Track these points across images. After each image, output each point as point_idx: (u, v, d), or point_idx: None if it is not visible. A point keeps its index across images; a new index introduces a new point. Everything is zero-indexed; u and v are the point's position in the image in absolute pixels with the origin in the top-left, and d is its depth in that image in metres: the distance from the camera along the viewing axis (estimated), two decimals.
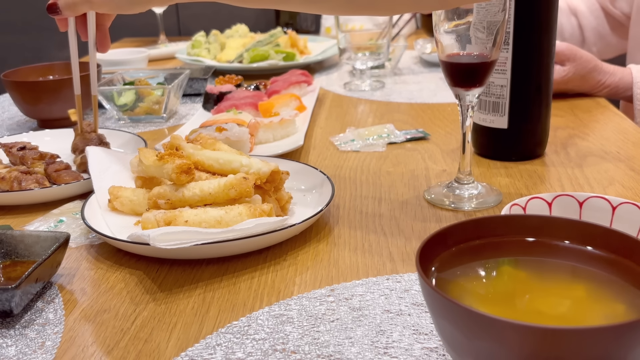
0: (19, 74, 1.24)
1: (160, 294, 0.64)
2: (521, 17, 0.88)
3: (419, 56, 1.68)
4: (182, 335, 0.57)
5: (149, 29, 2.41)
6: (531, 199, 0.65)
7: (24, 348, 0.56)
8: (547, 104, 0.94)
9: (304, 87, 1.31)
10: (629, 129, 1.07)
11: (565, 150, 0.98)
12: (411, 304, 0.60)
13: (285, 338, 0.56)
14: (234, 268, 0.68)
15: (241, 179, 0.71)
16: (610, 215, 0.64)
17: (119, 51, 1.76)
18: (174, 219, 0.69)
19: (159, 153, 0.75)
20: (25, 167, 0.92)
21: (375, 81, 1.44)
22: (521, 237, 0.51)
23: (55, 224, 0.79)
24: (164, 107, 1.21)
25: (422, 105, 1.27)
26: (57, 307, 0.62)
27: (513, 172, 0.91)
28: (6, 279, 0.64)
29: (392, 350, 0.54)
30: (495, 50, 0.74)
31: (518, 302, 0.45)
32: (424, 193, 0.84)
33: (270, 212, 0.71)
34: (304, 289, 0.64)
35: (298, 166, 0.86)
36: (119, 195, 0.77)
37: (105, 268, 0.69)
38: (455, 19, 0.73)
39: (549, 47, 0.91)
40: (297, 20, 2.44)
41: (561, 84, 1.20)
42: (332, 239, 0.74)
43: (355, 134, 1.07)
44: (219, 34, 1.75)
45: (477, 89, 0.77)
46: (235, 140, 0.97)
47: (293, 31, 1.71)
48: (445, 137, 1.07)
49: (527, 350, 0.38)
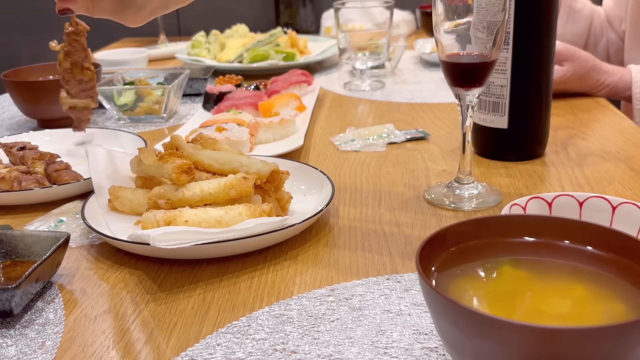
0: (19, 74, 1.24)
1: (160, 294, 0.64)
2: (521, 17, 0.88)
3: (419, 56, 1.68)
4: (182, 335, 0.57)
5: (149, 29, 2.40)
6: (531, 199, 0.65)
7: (24, 348, 0.56)
8: (547, 104, 0.94)
9: (304, 87, 1.31)
10: (629, 129, 1.07)
11: (565, 150, 0.98)
12: (411, 304, 0.60)
13: (285, 338, 0.56)
14: (234, 268, 0.68)
15: (241, 179, 0.71)
16: (610, 215, 0.64)
17: (119, 51, 1.76)
18: (174, 219, 0.69)
19: (159, 153, 0.75)
20: (25, 167, 0.92)
21: (375, 81, 1.44)
22: (521, 237, 0.51)
23: (55, 224, 0.79)
24: (164, 107, 1.21)
25: (422, 105, 1.27)
26: (57, 307, 0.62)
27: (513, 172, 0.91)
28: (6, 279, 0.64)
29: (392, 350, 0.54)
30: (495, 50, 0.74)
31: (518, 302, 0.45)
32: (424, 193, 0.84)
33: (270, 212, 0.71)
34: (304, 289, 0.64)
35: (298, 166, 0.86)
36: (119, 195, 0.77)
37: (105, 268, 0.69)
38: (455, 19, 0.73)
39: (549, 47, 0.91)
40: (297, 20, 2.44)
41: (560, 84, 1.20)
42: (332, 239, 0.74)
43: (355, 134, 1.07)
44: (219, 34, 1.75)
45: (477, 89, 0.77)
46: (235, 140, 0.97)
47: (293, 31, 1.71)
48: (445, 137, 1.07)
49: (527, 350, 0.38)
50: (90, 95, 0.85)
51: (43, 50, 2.91)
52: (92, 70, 0.87)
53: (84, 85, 0.85)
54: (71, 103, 0.85)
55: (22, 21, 2.76)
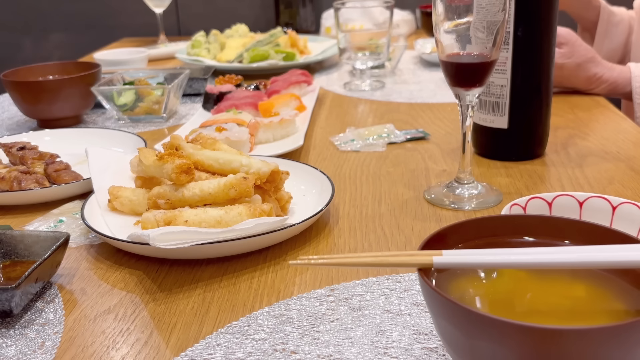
0: (19, 74, 1.24)
1: (160, 294, 0.64)
2: (521, 17, 0.88)
3: (419, 56, 1.68)
4: (182, 335, 0.57)
5: (149, 29, 2.41)
6: (531, 199, 0.65)
7: (23, 348, 0.56)
8: (547, 104, 0.94)
9: (304, 87, 1.31)
10: (629, 129, 1.07)
11: (565, 150, 0.98)
12: (411, 304, 0.60)
13: (285, 338, 0.56)
14: (234, 268, 0.68)
15: (241, 179, 0.71)
16: (610, 215, 0.64)
17: (119, 51, 1.76)
18: (174, 219, 0.69)
19: (159, 153, 0.75)
20: (25, 167, 0.92)
21: (375, 81, 1.44)
22: (521, 237, 0.51)
23: (55, 224, 0.79)
24: (163, 107, 1.21)
25: (422, 105, 1.27)
26: (57, 307, 0.62)
27: (513, 172, 0.91)
28: (6, 279, 0.64)
29: (392, 351, 0.54)
30: (495, 50, 0.74)
31: (518, 302, 0.45)
32: (424, 193, 0.84)
33: (270, 212, 0.71)
34: (304, 289, 0.64)
35: (298, 166, 0.86)
36: (118, 195, 0.77)
37: (105, 268, 0.69)
38: (455, 19, 0.73)
39: (549, 47, 0.91)
40: (297, 20, 2.44)
41: (556, 69, 1.18)
42: (332, 239, 0.74)
43: (355, 134, 1.07)
44: (219, 34, 1.75)
45: (477, 89, 0.77)
46: (235, 140, 0.97)
47: (293, 31, 1.71)
48: (445, 137, 1.07)
49: (527, 350, 0.38)
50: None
51: (43, 50, 2.91)
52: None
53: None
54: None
55: (22, 21, 2.76)
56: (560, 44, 1.18)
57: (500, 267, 0.46)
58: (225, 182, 0.71)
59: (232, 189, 0.70)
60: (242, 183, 0.70)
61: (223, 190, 0.71)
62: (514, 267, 0.46)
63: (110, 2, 2.68)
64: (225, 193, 0.71)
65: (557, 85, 1.25)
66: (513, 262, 0.44)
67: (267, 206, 0.70)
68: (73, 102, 1.19)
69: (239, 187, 0.70)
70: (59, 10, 2.72)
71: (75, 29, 2.73)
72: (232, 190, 0.70)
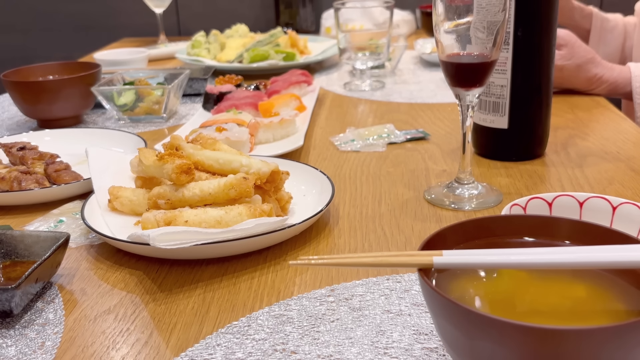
0: (19, 74, 1.24)
1: (160, 294, 0.64)
2: (521, 17, 0.88)
3: (419, 56, 1.68)
4: (182, 335, 0.57)
5: (149, 29, 2.41)
6: (531, 199, 0.65)
7: (24, 348, 0.56)
8: (547, 104, 0.94)
9: (304, 87, 1.31)
10: (629, 129, 1.07)
11: (565, 150, 0.98)
12: (411, 304, 0.60)
13: (285, 338, 0.56)
14: (234, 268, 0.68)
15: (241, 179, 0.71)
16: (610, 215, 0.64)
17: (119, 51, 1.76)
18: (174, 219, 0.69)
19: (159, 153, 0.75)
20: (25, 167, 0.92)
21: (375, 81, 1.44)
22: (521, 237, 0.51)
23: (55, 224, 0.79)
24: (163, 107, 1.21)
25: (422, 105, 1.27)
26: (57, 307, 0.62)
27: (513, 172, 0.91)
28: (6, 279, 0.64)
29: (392, 351, 0.54)
30: (495, 50, 0.74)
31: (518, 302, 0.45)
32: (424, 193, 0.84)
33: (270, 212, 0.70)
34: (304, 289, 0.64)
35: (298, 166, 0.86)
36: (118, 195, 0.77)
37: (105, 268, 0.69)
38: (455, 19, 0.73)
39: (549, 47, 0.91)
40: (297, 20, 2.44)
41: (556, 71, 1.18)
42: (332, 239, 0.74)
43: (355, 134, 1.07)
44: (219, 34, 1.75)
45: (477, 89, 0.77)
46: (235, 140, 0.97)
47: (293, 31, 1.71)
48: (445, 137, 1.07)
49: (527, 350, 0.38)
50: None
51: (43, 50, 2.91)
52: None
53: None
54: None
55: (22, 21, 2.76)
56: (560, 45, 1.18)
57: (500, 267, 0.46)
58: (226, 182, 0.71)
59: (232, 189, 0.70)
60: (242, 183, 0.70)
61: (223, 191, 0.71)
62: (514, 267, 0.46)
63: (110, 2, 2.68)
64: (225, 193, 0.71)
65: (558, 86, 1.25)
66: (513, 262, 0.44)
67: (267, 206, 0.70)
68: (73, 102, 1.19)
69: (239, 187, 0.70)
70: (59, 10, 2.72)
71: (75, 29, 2.73)
72: (232, 191, 0.70)
